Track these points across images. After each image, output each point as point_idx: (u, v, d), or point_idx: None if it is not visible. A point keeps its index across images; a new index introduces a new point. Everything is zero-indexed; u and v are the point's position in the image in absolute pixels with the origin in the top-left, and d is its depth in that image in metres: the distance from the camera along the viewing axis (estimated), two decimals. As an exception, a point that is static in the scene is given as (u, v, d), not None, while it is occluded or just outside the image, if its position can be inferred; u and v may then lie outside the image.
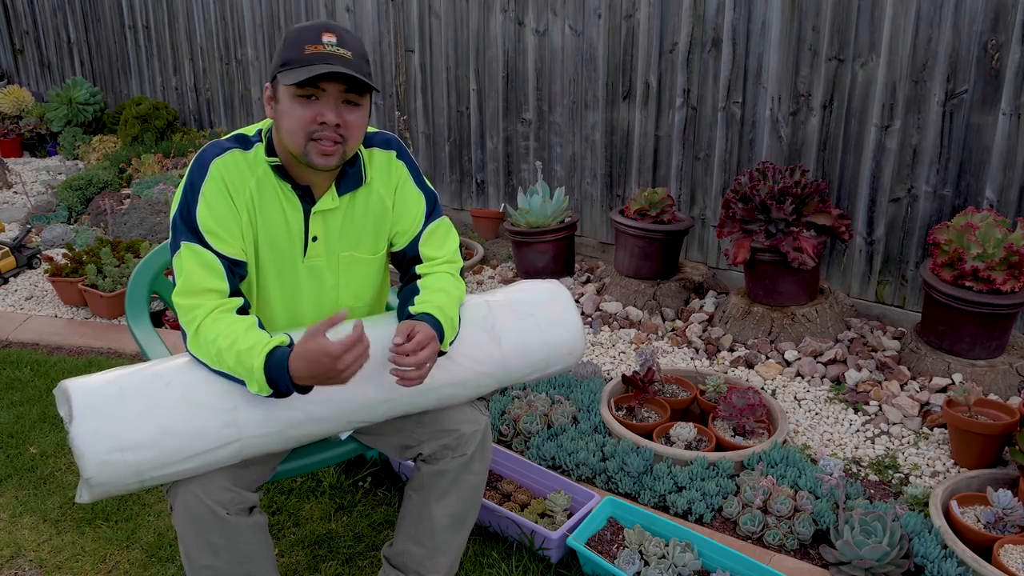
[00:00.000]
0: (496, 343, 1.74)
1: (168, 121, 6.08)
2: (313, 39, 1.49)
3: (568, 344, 1.85)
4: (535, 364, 1.81)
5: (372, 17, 4.76)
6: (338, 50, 1.49)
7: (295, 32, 1.52)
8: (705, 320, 3.25)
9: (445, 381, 1.66)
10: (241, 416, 1.49)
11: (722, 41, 3.40)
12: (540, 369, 1.83)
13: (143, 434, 1.42)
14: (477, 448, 1.69)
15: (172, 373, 1.51)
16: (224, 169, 1.56)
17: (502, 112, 4.31)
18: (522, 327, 1.78)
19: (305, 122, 1.50)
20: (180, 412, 1.45)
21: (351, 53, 1.51)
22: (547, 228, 3.68)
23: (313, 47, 1.48)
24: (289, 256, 1.64)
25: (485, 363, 1.72)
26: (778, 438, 2.37)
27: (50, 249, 4.45)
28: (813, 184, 2.98)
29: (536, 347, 1.79)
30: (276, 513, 2.25)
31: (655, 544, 1.96)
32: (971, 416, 2.28)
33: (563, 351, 1.84)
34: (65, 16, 7.22)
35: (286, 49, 1.51)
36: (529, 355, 1.79)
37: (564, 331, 1.84)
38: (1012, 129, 2.78)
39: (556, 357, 1.84)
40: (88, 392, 1.44)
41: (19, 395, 2.95)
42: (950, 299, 2.60)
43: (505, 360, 1.75)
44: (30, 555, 2.14)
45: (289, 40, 1.52)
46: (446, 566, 1.77)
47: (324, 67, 1.46)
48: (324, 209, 1.63)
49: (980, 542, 1.92)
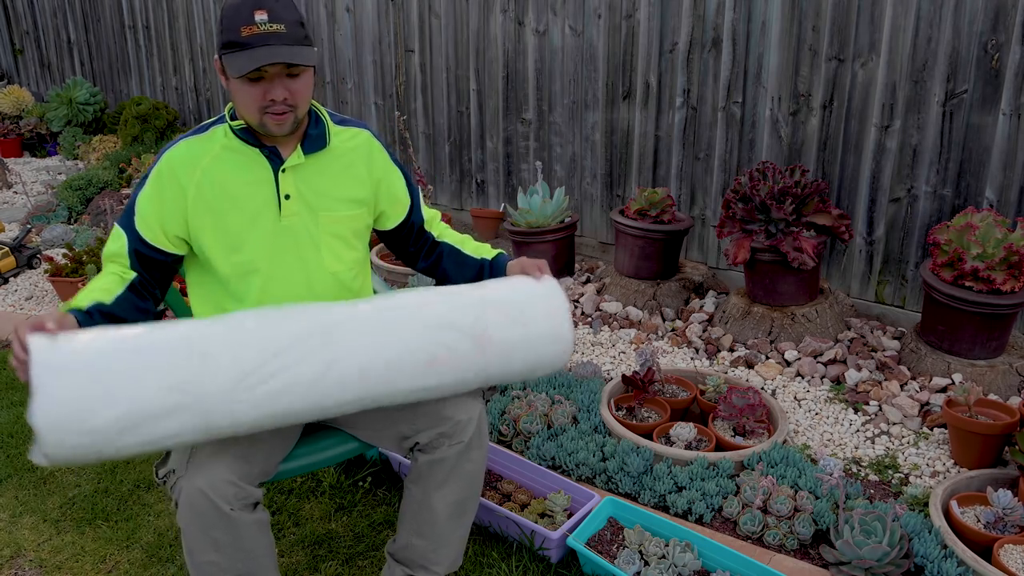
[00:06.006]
0: (481, 351, 1.64)
1: (168, 121, 6.08)
2: (247, 19, 1.55)
3: (555, 359, 1.74)
4: (516, 373, 1.71)
5: (372, 17, 4.76)
6: (271, 27, 1.56)
7: (230, 10, 1.58)
8: (705, 320, 3.25)
9: (422, 386, 1.59)
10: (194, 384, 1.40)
11: (722, 41, 3.40)
12: (521, 375, 1.73)
13: (101, 416, 1.34)
14: (474, 435, 1.70)
15: (136, 338, 1.43)
16: (172, 158, 1.68)
17: (502, 112, 4.31)
18: (511, 337, 1.67)
19: (256, 100, 1.60)
20: (130, 378, 1.37)
21: (284, 24, 1.57)
22: (547, 228, 3.68)
23: (248, 28, 1.55)
24: (266, 218, 1.69)
25: (466, 370, 1.63)
26: (778, 438, 2.37)
27: (50, 249, 4.45)
28: (813, 184, 2.98)
29: (521, 360, 1.69)
30: (276, 513, 2.25)
31: (655, 544, 1.96)
32: (971, 416, 2.28)
33: (547, 363, 1.74)
34: (65, 16, 7.22)
35: (224, 28, 1.58)
36: (512, 364, 1.69)
37: (554, 347, 1.72)
38: (1012, 129, 2.78)
39: (540, 368, 1.74)
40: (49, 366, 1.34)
41: (19, 395, 2.95)
42: (950, 299, 2.60)
43: (487, 368, 1.66)
44: (30, 555, 2.14)
45: (225, 18, 1.59)
46: (450, 557, 1.77)
47: (260, 56, 1.54)
48: (292, 165, 1.70)
49: (980, 542, 1.92)
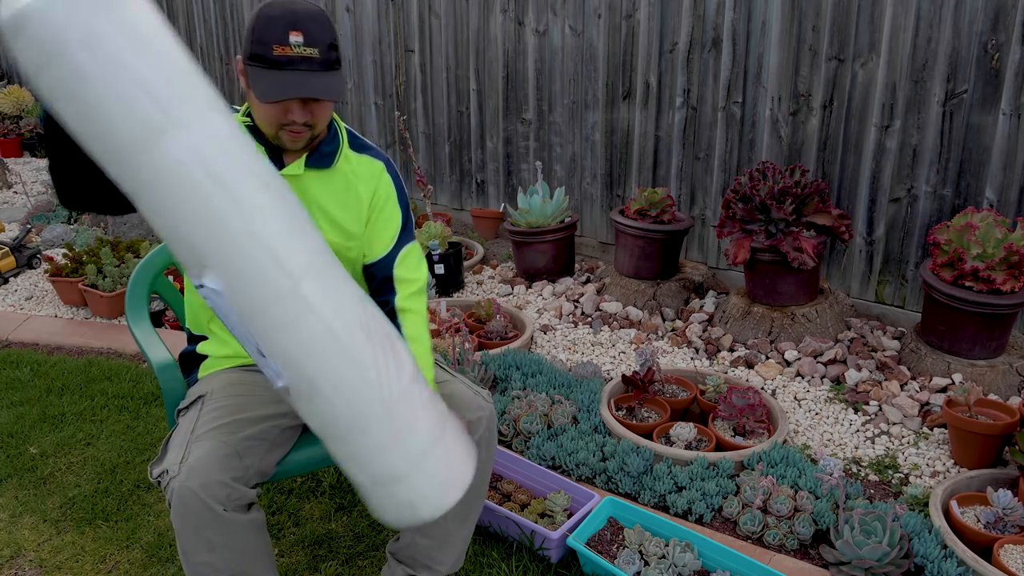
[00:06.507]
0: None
1: (168, 121, 6.07)
2: (280, 37, 1.50)
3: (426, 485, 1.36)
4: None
5: (372, 17, 4.76)
6: (305, 50, 1.51)
7: (263, 21, 1.52)
8: (705, 320, 3.25)
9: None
10: None
11: (722, 41, 3.40)
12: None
13: None
14: (483, 436, 1.69)
15: None
16: None
17: (502, 112, 4.31)
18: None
19: (276, 117, 1.56)
20: None
21: (318, 50, 1.52)
22: (547, 228, 3.68)
23: (280, 48, 1.50)
24: None
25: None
26: (778, 438, 2.37)
27: (50, 249, 4.45)
28: (813, 184, 2.98)
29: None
30: (276, 513, 2.25)
31: (655, 544, 1.96)
32: (971, 416, 2.28)
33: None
34: (65, 16, 7.22)
35: (255, 39, 1.52)
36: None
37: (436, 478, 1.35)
38: (1012, 129, 2.78)
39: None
40: None
41: (19, 395, 2.95)
42: (950, 299, 2.60)
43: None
44: (30, 555, 2.14)
45: (258, 28, 1.52)
46: (453, 557, 1.77)
47: (288, 87, 1.49)
48: (289, 174, 1.66)
49: (980, 542, 1.92)
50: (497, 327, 3.16)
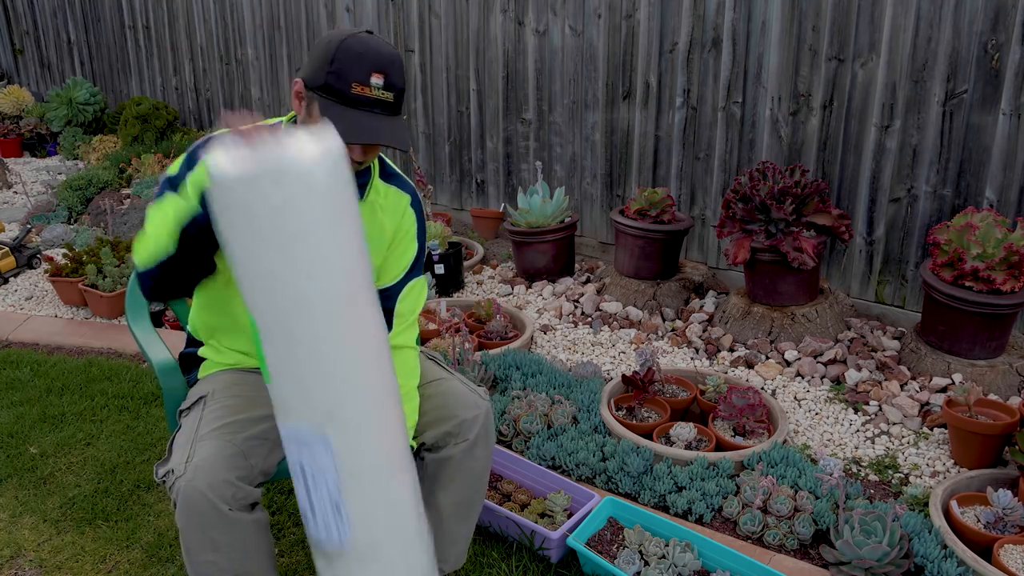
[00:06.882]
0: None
1: (168, 121, 6.08)
2: (363, 77, 1.46)
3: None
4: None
5: (372, 17, 4.76)
6: (383, 94, 1.49)
7: (349, 55, 1.46)
8: (705, 320, 3.25)
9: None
10: None
11: (722, 41, 3.40)
12: None
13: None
14: (479, 433, 1.69)
15: None
16: None
17: (502, 112, 4.31)
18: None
19: None
20: None
21: (393, 95, 1.51)
22: (547, 228, 3.68)
23: (360, 88, 1.47)
24: None
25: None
26: (778, 438, 2.37)
27: (50, 249, 4.45)
28: (813, 184, 2.98)
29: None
30: (276, 513, 2.25)
31: (655, 544, 1.96)
32: (971, 416, 2.28)
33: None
34: (65, 16, 7.22)
35: (333, 71, 1.46)
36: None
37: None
38: (1012, 129, 2.78)
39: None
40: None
41: (19, 395, 2.95)
42: (950, 299, 2.60)
43: None
44: (30, 555, 2.14)
45: (339, 60, 1.46)
46: (454, 555, 1.77)
47: (365, 131, 1.47)
48: None
49: (980, 542, 1.92)
50: (497, 327, 3.16)
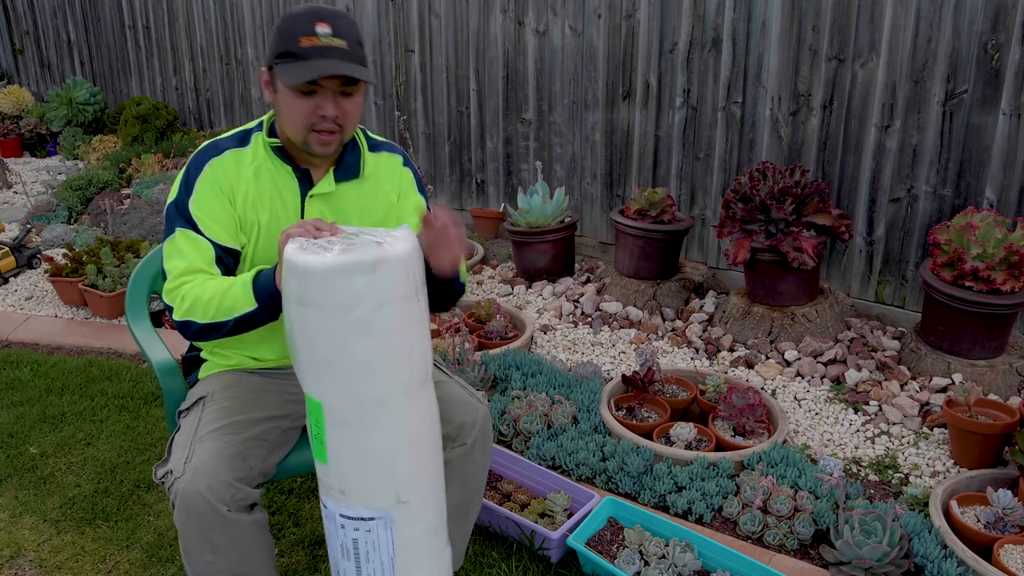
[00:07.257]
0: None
1: (168, 121, 6.08)
2: (307, 29, 1.50)
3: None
4: None
5: (372, 17, 4.76)
6: (333, 41, 1.51)
7: (288, 20, 1.53)
8: (705, 320, 3.25)
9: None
10: None
11: (722, 41, 3.40)
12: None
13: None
14: (478, 438, 1.69)
15: None
16: (221, 170, 1.62)
17: (502, 112, 4.31)
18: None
19: (305, 115, 1.55)
20: None
21: (346, 42, 1.52)
22: (547, 228, 3.68)
23: (308, 39, 1.50)
24: None
25: None
26: (778, 438, 2.37)
27: (50, 249, 4.45)
28: (813, 184, 2.98)
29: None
30: (276, 513, 2.25)
31: (655, 544, 1.96)
32: (971, 416, 2.28)
33: None
34: (65, 16, 7.22)
35: (281, 38, 1.53)
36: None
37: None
38: (1012, 129, 2.78)
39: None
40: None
41: (19, 395, 2.95)
42: (950, 299, 2.60)
43: None
44: (30, 555, 2.14)
45: (283, 28, 1.54)
46: (454, 555, 1.77)
47: (321, 66, 1.49)
48: (320, 193, 1.68)
49: (980, 542, 1.92)
50: (497, 327, 3.16)
